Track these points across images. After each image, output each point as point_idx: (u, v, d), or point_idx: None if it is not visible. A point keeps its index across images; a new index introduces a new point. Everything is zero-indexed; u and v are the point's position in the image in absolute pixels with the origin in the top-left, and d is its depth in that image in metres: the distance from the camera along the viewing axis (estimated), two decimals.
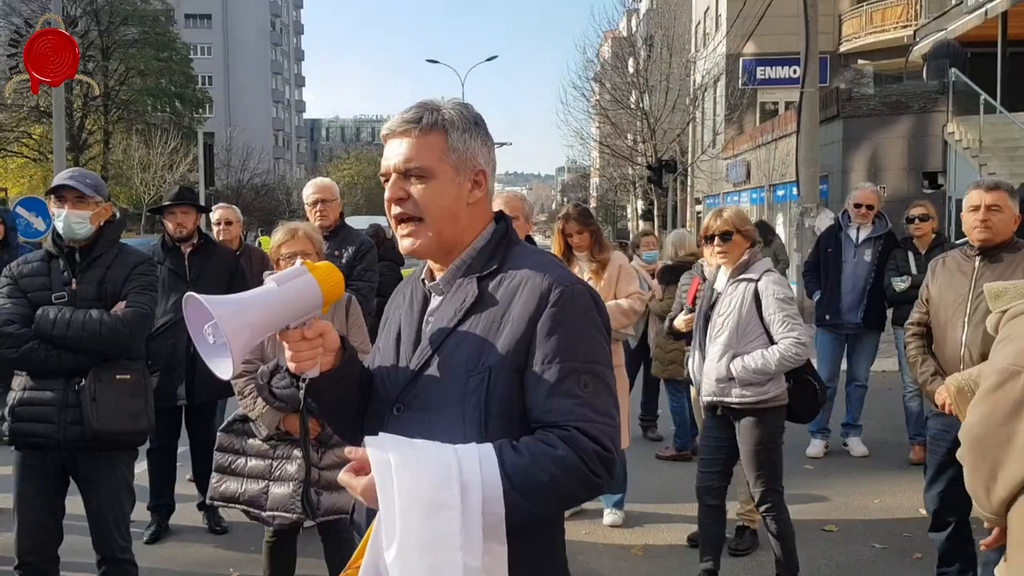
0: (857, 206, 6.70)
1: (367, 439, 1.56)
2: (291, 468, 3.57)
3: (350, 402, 1.78)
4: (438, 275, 1.77)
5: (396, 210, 1.72)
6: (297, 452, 3.56)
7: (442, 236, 1.71)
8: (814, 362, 4.40)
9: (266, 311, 1.60)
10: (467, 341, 1.66)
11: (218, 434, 3.79)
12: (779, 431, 4.17)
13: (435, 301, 1.77)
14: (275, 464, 3.61)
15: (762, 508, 4.16)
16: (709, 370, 4.14)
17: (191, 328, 1.62)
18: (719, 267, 4.23)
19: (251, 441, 3.68)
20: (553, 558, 1.73)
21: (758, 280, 4.06)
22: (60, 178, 3.50)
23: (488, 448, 1.54)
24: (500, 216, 1.81)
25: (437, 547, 1.48)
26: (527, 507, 1.53)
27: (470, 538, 1.49)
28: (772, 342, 4.03)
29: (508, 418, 1.61)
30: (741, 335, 4.05)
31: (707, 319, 4.21)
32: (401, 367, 1.75)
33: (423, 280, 1.82)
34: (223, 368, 1.58)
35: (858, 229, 6.72)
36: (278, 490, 3.57)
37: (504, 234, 1.77)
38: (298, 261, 1.72)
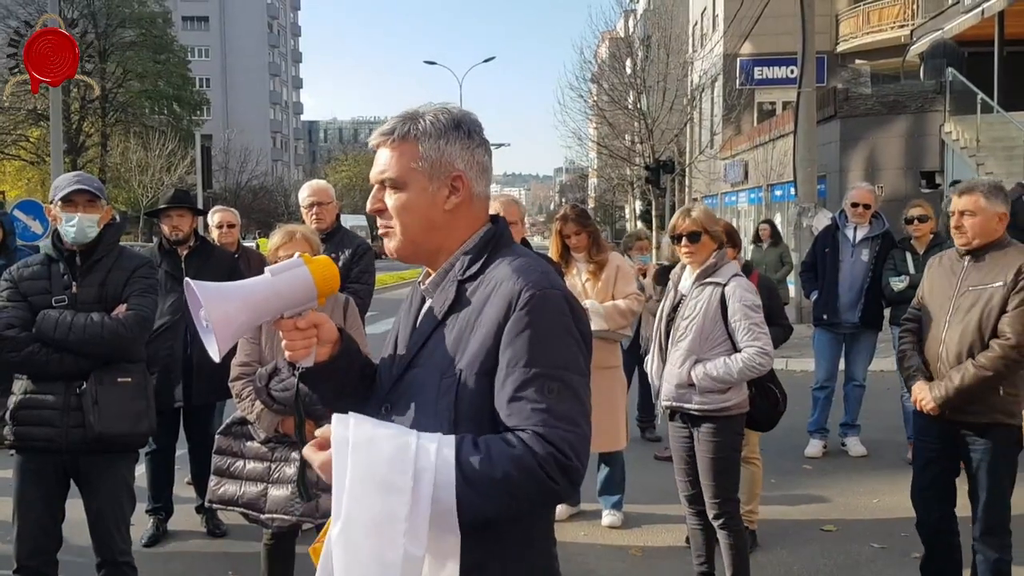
0: (854, 205, 6.70)
1: (334, 416, 1.58)
2: (289, 471, 3.56)
3: (349, 395, 1.80)
4: (430, 277, 1.80)
5: (379, 219, 1.78)
6: (296, 455, 3.56)
7: (417, 243, 1.75)
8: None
9: (257, 299, 1.65)
10: (442, 344, 1.68)
11: (216, 437, 3.79)
12: (738, 440, 4.10)
13: (428, 303, 1.79)
14: (274, 467, 3.61)
15: (719, 521, 4.02)
16: (670, 375, 4.04)
17: (192, 313, 1.69)
18: (684, 268, 4.15)
19: (249, 444, 3.68)
20: (529, 557, 1.70)
21: (725, 285, 3.94)
22: (70, 183, 3.48)
23: (449, 439, 1.55)
24: (495, 218, 1.81)
25: (382, 529, 1.49)
26: (478, 503, 1.52)
27: (415, 525, 1.50)
28: (736, 349, 3.93)
29: (479, 422, 1.62)
30: (704, 340, 3.95)
31: (669, 322, 4.11)
32: (393, 367, 1.78)
33: (419, 282, 1.85)
34: (212, 351, 1.65)
35: (855, 229, 6.73)
36: (277, 492, 3.56)
37: (492, 237, 1.77)
38: (296, 254, 1.75)
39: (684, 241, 4.00)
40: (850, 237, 6.74)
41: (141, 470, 5.50)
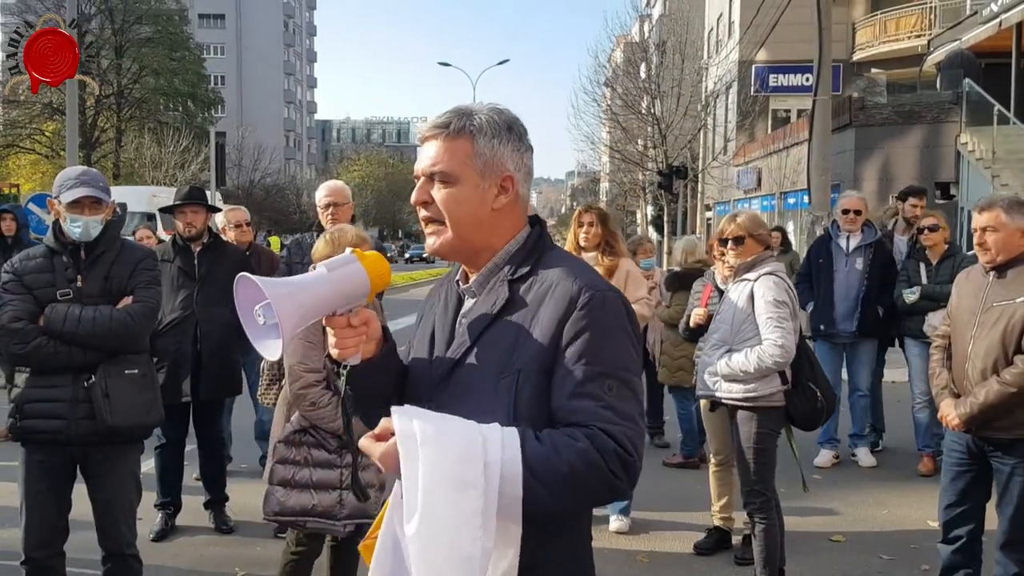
0: (845, 212, 6.69)
1: (394, 408, 1.57)
2: (367, 476, 3.45)
3: (388, 395, 1.80)
4: (472, 277, 1.80)
5: (422, 212, 1.76)
6: (368, 460, 3.47)
7: (463, 240, 1.74)
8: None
9: (316, 295, 1.63)
10: (497, 343, 1.68)
11: (278, 446, 3.60)
12: (768, 434, 4.18)
13: (468, 303, 1.79)
14: (345, 472, 3.52)
15: (747, 509, 4.22)
16: (702, 364, 4.31)
17: (240, 309, 1.64)
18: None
19: (316, 452, 3.54)
20: (582, 557, 1.78)
21: (755, 280, 4.16)
22: (76, 185, 3.43)
23: (512, 431, 1.55)
24: (535, 220, 1.83)
25: (459, 525, 1.49)
26: (544, 496, 1.53)
27: (488, 519, 1.50)
28: None
29: (536, 420, 1.62)
30: (735, 332, 4.17)
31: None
32: (434, 367, 1.77)
33: (458, 281, 1.84)
34: (271, 349, 1.61)
35: (848, 238, 6.70)
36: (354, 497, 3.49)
37: (538, 238, 1.79)
38: (348, 250, 1.72)
39: (730, 244, 4.29)
40: (843, 247, 6.70)
41: (150, 464, 5.55)
